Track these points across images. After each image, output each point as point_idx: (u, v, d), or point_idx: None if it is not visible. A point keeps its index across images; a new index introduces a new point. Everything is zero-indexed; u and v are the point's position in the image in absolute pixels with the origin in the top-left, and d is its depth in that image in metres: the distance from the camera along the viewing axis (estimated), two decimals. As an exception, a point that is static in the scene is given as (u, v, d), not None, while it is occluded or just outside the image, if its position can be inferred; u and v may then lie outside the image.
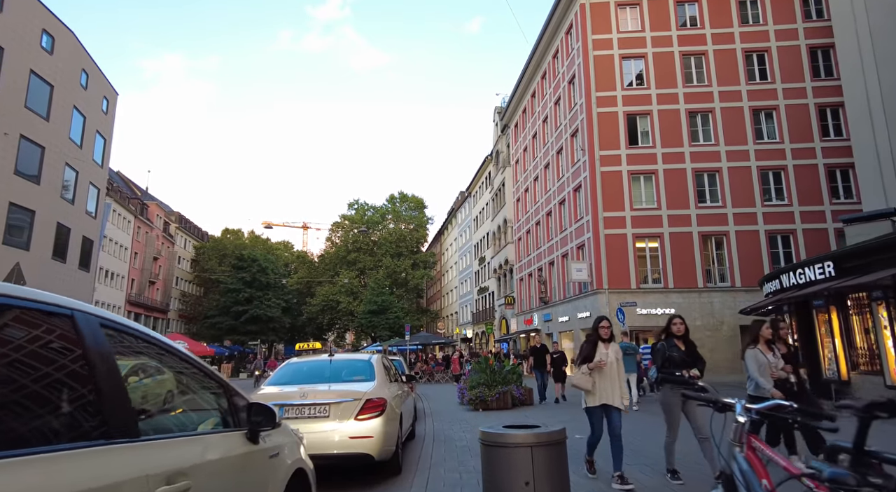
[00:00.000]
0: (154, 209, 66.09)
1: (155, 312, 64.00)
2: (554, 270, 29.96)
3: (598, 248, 23.62)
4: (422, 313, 67.17)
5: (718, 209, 23.70)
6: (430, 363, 30.67)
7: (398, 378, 7.78)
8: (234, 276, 53.94)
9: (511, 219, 39.39)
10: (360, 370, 6.40)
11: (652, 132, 24.68)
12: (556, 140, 29.63)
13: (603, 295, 23.18)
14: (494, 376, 13.37)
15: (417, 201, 67.31)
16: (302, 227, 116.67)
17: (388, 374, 6.82)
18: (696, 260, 23.26)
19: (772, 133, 24.32)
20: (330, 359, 6.59)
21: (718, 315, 22.74)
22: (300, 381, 6.15)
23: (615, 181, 24.17)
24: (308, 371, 6.47)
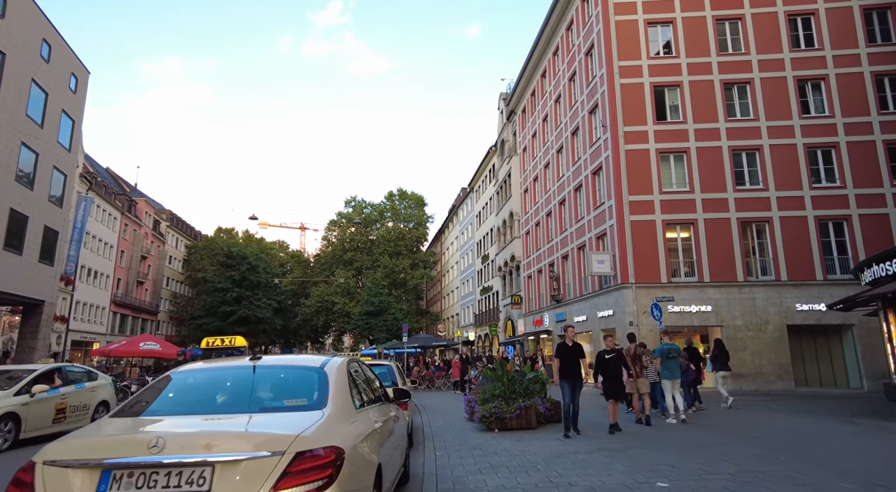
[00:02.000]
0: (143, 206, 63.18)
1: (143, 314, 61.06)
2: (568, 264, 27.00)
3: (624, 236, 20.66)
4: (421, 315, 64.17)
5: (760, 192, 20.75)
6: (430, 368, 27.71)
7: (379, 396, 4.81)
8: (222, 274, 50.83)
9: (518, 212, 36.44)
10: (301, 387, 3.45)
11: (682, 106, 21.75)
12: (570, 120, 26.71)
13: (629, 290, 20.20)
14: (514, 385, 10.39)
15: (417, 199, 64.38)
16: (299, 228, 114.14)
17: (356, 393, 3.85)
18: (735, 250, 20.30)
19: (820, 106, 21.39)
20: (253, 365, 3.63)
21: (762, 313, 19.75)
22: (189, 408, 3.21)
23: (642, 161, 21.23)
24: (209, 389, 3.48)
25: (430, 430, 10.64)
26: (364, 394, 4.17)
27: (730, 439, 8.56)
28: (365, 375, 4.56)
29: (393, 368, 8.39)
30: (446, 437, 9.60)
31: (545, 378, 11.51)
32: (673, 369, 11.07)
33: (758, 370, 19.16)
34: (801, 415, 12.11)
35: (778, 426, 10.22)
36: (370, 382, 4.70)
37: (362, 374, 4.49)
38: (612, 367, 9.81)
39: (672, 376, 10.97)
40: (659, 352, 11.33)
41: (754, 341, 19.49)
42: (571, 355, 9.40)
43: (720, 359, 13.63)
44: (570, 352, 9.41)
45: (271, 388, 3.44)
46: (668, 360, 11.18)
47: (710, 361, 15.13)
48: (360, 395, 3.94)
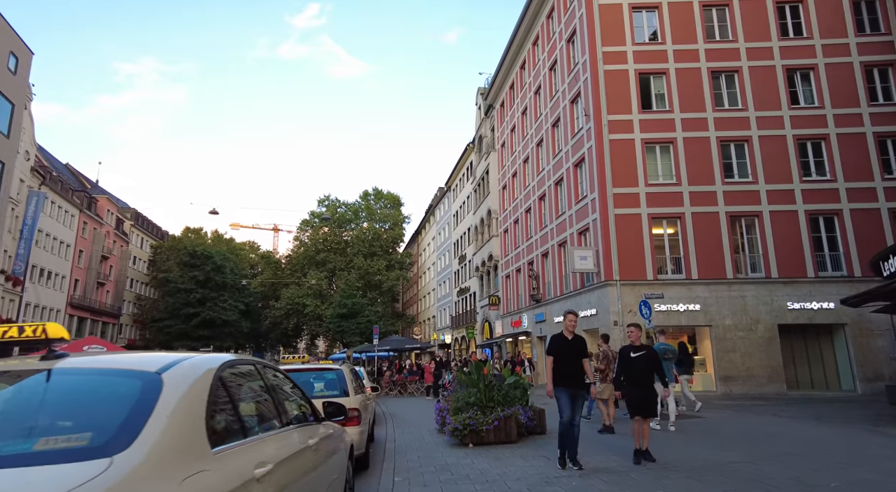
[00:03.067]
0: (104, 204, 59.99)
1: (104, 317, 57.92)
2: (548, 262, 25.74)
3: (607, 231, 19.44)
4: (397, 318, 62.39)
5: (749, 185, 19.78)
6: (402, 372, 26.10)
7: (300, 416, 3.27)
8: (185, 274, 48.24)
9: (496, 209, 35.15)
10: (99, 410, 1.87)
11: (669, 94, 20.70)
12: (551, 111, 25.51)
13: (614, 288, 18.97)
14: (492, 392, 8.92)
15: (393, 199, 62.64)
16: (273, 229, 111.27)
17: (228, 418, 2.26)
18: (724, 245, 19.26)
19: (810, 97, 20.58)
20: (46, 370, 2.06)
21: (752, 312, 18.73)
22: None
23: (626, 151, 20.08)
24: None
25: (393, 445, 9.10)
26: (257, 417, 2.65)
27: (752, 456, 7.20)
28: (269, 386, 3.02)
29: (345, 373, 6.81)
30: (411, 455, 8.07)
31: (528, 383, 10.05)
32: (667, 372, 10.06)
33: (748, 373, 18.10)
34: (812, 422, 10.91)
35: (800, 437, 8.94)
36: (280, 397, 3.15)
37: (260, 385, 2.94)
38: (641, 370, 7.01)
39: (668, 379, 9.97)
40: None
41: (744, 342, 18.45)
42: (571, 353, 6.65)
43: (684, 363, 12.87)
44: (570, 348, 6.66)
45: (56, 412, 1.90)
46: (664, 361, 10.22)
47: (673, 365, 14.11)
48: (241, 420, 2.39)
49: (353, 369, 8.51)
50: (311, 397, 6.63)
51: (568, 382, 6.57)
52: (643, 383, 6.97)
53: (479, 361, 9.53)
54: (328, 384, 6.76)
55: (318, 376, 7.00)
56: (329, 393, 6.64)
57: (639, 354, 7.07)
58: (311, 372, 7.17)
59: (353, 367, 9.79)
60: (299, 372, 7.12)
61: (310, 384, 6.86)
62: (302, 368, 7.21)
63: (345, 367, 7.19)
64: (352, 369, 8.20)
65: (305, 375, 7.06)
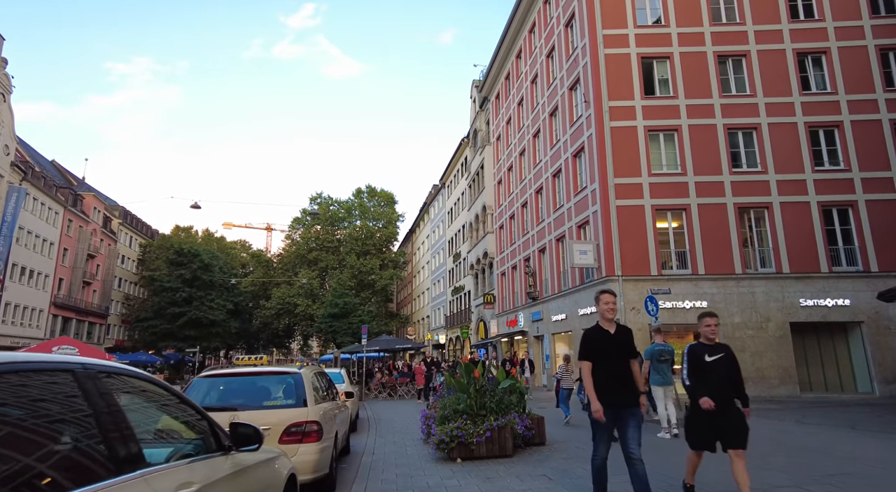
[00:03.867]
0: (91, 201, 58.43)
1: (90, 317, 56.39)
2: (545, 258, 24.58)
3: (609, 223, 18.30)
4: (390, 318, 61.11)
5: (758, 176, 18.68)
6: (392, 374, 24.88)
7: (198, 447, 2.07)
8: (172, 273, 46.79)
9: (491, 205, 33.98)
10: None
11: (673, 80, 19.59)
12: (548, 100, 24.35)
13: (616, 284, 17.81)
14: (484, 398, 7.73)
15: (387, 196, 61.29)
16: (266, 228, 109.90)
17: None
18: (733, 239, 18.15)
19: (822, 82, 19.49)
20: None
21: (762, 309, 17.61)
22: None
23: (628, 139, 18.95)
24: None
25: (370, 459, 7.89)
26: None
27: (798, 478, 5.92)
28: (100, 408, 1.79)
29: (303, 378, 5.58)
30: (388, 472, 6.86)
31: (525, 387, 8.85)
32: (665, 373, 9.38)
33: (759, 374, 16.98)
34: (846, 430, 9.74)
35: (844, 452, 7.76)
36: (120, 425, 1.91)
37: (82, 407, 1.72)
38: (722, 378, 4.71)
39: (664, 382, 9.31)
40: (648, 354, 9.57)
41: (754, 341, 17.33)
42: (615, 352, 4.58)
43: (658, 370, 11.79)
44: (613, 345, 4.60)
45: None
46: (660, 363, 9.42)
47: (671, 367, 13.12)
48: None
49: (320, 372, 7.27)
50: (261, 407, 5.43)
51: (613, 396, 4.42)
52: (725, 398, 4.62)
53: (468, 362, 8.33)
54: (282, 391, 5.54)
55: (269, 382, 5.76)
56: (283, 403, 5.42)
57: (716, 356, 4.75)
58: (261, 377, 5.91)
59: (323, 369, 8.53)
60: (245, 377, 5.89)
61: (260, 391, 5.64)
62: (247, 371, 5.97)
63: (305, 370, 5.95)
64: (318, 373, 6.96)
65: (253, 380, 5.82)
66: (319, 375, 6.90)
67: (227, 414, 5.16)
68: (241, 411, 5.17)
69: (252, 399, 5.51)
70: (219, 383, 5.74)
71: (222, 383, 5.75)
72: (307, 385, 5.59)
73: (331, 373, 12.70)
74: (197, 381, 5.69)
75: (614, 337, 4.64)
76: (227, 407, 5.26)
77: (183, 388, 5.62)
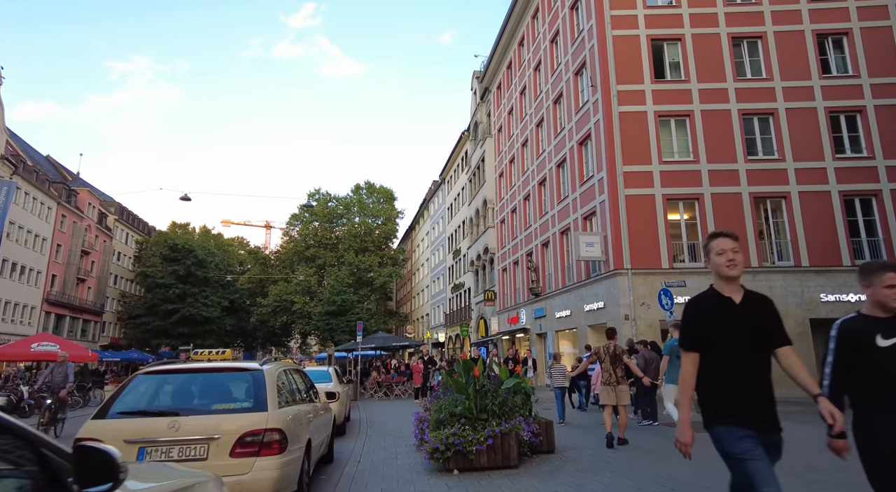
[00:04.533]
0: (85, 197, 57.40)
1: (85, 314, 55.44)
2: (549, 252, 23.56)
3: (617, 213, 17.27)
4: (389, 316, 60.11)
5: (775, 163, 17.66)
6: (389, 373, 23.88)
7: None
8: (165, 269, 45.74)
9: (492, 199, 32.96)
10: None
11: (685, 63, 18.56)
12: (552, 87, 23.32)
13: (624, 277, 16.79)
14: (485, 399, 6.71)
15: (386, 193, 60.20)
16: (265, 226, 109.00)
17: None
18: (748, 230, 17.12)
19: (843, 65, 18.47)
20: None
21: (780, 305, 16.24)
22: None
23: (638, 125, 17.93)
24: None
25: (355, 468, 6.88)
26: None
27: None
28: None
29: (265, 376, 4.55)
30: (374, 486, 5.83)
31: (530, 386, 7.84)
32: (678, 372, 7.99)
33: (776, 373, 15.90)
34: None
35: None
36: None
37: None
38: None
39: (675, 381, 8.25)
40: (668, 349, 8.86)
41: (772, 338, 16.29)
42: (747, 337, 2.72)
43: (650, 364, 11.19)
44: (740, 326, 2.72)
45: None
46: (678, 360, 8.18)
47: None
48: None
49: (295, 369, 6.25)
50: (210, 411, 4.42)
51: (748, 412, 2.70)
52: None
53: (467, 360, 7.33)
54: (238, 392, 4.52)
55: (224, 381, 4.72)
56: (238, 406, 4.40)
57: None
58: (215, 374, 4.86)
59: (299, 366, 7.49)
60: (196, 374, 4.85)
61: (212, 392, 4.62)
62: (200, 367, 4.95)
63: (271, 367, 4.94)
64: (291, 370, 5.93)
65: (205, 378, 4.78)
66: (292, 372, 5.87)
67: (165, 420, 4.14)
68: (184, 417, 4.16)
69: (201, 401, 4.48)
70: (164, 380, 4.72)
71: (168, 380, 4.72)
72: (269, 385, 4.57)
73: (318, 371, 11.67)
74: (139, 378, 4.67)
75: (741, 310, 2.75)
76: (165, 411, 4.25)
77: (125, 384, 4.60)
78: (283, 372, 5.40)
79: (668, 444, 8.27)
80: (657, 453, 7.40)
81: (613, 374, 8.00)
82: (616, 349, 8.19)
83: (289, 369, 5.83)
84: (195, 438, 4.05)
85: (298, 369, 6.57)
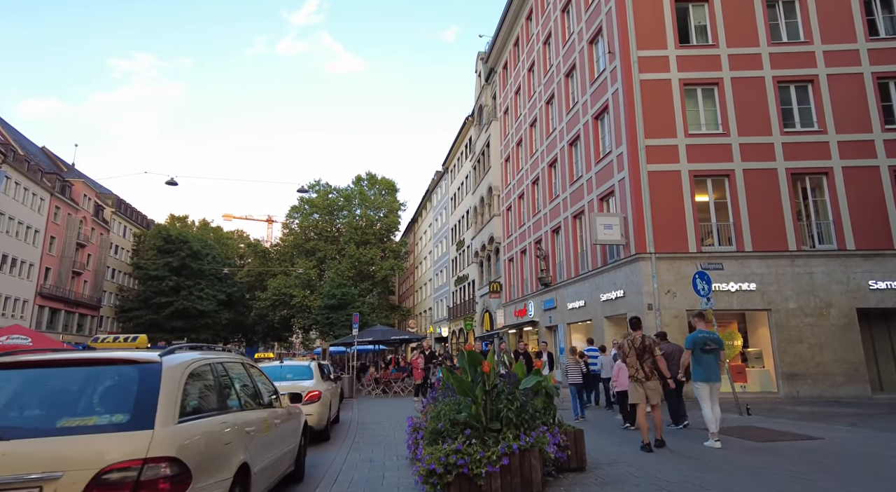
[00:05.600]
0: (81, 188, 55.93)
1: (81, 308, 54.06)
2: (560, 239, 21.84)
3: (639, 192, 15.52)
4: (392, 311, 58.56)
5: (815, 136, 15.85)
6: (388, 368, 22.27)
7: None
8: (158, 260, 44.19)
9: (497, 185, 31.21)
10: None
11: (712, 26, 16.74)
12: (564, 59, 21.53)
13: (647, 262, 15.06)
14: (497, 403, 5.02)
15: (388, 184, 58.46)
16: (267, 220, 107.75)
17: None
18: (785, 210, 15.35)
19: (891, 26, 16.61)
20: None
21: (822, 293, 14.82)
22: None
23: (661, 94, 16.15)
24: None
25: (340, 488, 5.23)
26: None
27: None
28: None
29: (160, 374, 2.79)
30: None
31: (554, 385, 6.13)
32: (711, 366, 7.56)
33: (820, 369, 14.22)
34: None
35: None
36: None
37: None
38: None
39: (709, 378, 7.52)
40: (690, 342, 7.75)
41: (813, 331, 14.56)
42: None
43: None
44: None
45: None
46: (704, 354, 7.59)
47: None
48: None
49: (239, 362, 4.56)
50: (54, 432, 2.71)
51: None
52: None
53: (473, 351, 5.63)
54: (110, 399, 2.84)
55: (92, 380, 2.99)
56: (105, 421, 2.71)
57: None
58: (83, 369, 3.06)
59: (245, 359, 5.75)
60: (55, 368, 3.09)
61: (69, 398, 2.89)
62: (63, 358, 3.16)
63: (180, 357, 3.26)
64: (231, 364, 4.27)
65: (68, 374, 3.04)
66: (232, 367, 4.19)
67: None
68: (6, 443, 2.49)
69: (46, 413, 2.80)
70: (6, 378, 3.02)
71: (13, 378, 3.02)
72: (167, 387, 2.89)
73: (298, 366, 10.00)
74: None
75: None
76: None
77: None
78: (209, 367, 3.72)
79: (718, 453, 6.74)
80: (718, 469, 5.72)
81: (641, 369, 7.23)
82: (645, 341, 7.38)
83: (226, 361, 4.15)
84: (21, 478, 2.40)
85: (247, 363, 4.89)
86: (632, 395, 7.42)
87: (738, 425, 9.29)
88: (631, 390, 7.43)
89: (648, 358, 7.29)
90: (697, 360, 7.63)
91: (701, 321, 8.07)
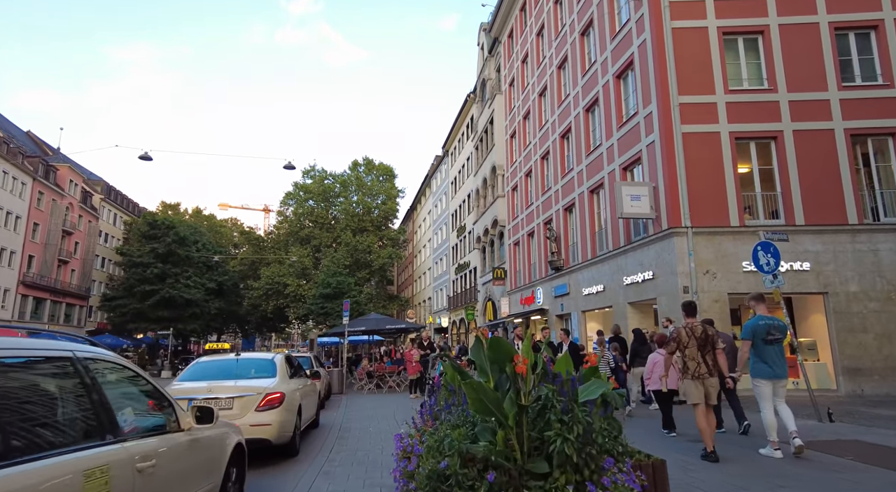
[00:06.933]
0: (66, 173, 53.60)
1: (68, 297, 52.02)
2: (573, 218, 19.65)
3: (672, 156, 13.32)
4: (389, 300, 56.49)
5: (880, 91, 13.62)
6: (383, 360, 20.18)
7: None
8: (143, 246, 42.00)
9: (502, 164, 28.97)
10: None
11: (757, -35, 14.47)
12: (579, 16, 19.21)
13: (682, 238, 12.88)
14: (545, 427, 2.83)
15: (386, 170, 56.14)
16: (263, 210, 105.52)
17: None
18: (844, 177, 13.16)
19: (965, -36, 14.34)
20: None
21: (890, 274, 12.67)
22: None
23: (697, 45, 13.90)
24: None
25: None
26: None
27: None
28: None
29: None
30: None
31: (621, 393, 3.97)
32: (775, 360, 6.19)
33: (889, 363, 12.10)
34: None
35: None
36: None
37: None
38: None
39: (774, 373, 6.18)
40: (749, 331, 6.33)
41: (880, 318, 12.42)
42: None
43: (640, 353, 10.03)
44: None
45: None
46: (767, 345, 6.21)
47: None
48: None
49: (87, 358, 2.35)
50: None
51: None
52: None
53: (498, 338, 3.48)
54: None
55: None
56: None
57: None
58: None
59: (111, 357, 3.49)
60: None
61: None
62: None
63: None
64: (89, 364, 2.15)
65: None
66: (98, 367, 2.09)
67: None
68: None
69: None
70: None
71: None
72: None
73: (258, 360, 7.74)
74: None
75: None
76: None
77: None
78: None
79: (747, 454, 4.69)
80: None
81: (703, 363, 6.16)
82: (707, 330, 6.28)
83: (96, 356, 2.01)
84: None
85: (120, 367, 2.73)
86: (690, 394, 6.19)
87: (821, 436, 7.18)
88: (689, 388, 6.21)
89: (710, 351, 6.19)
90: (758, 352, 6.29)
91: (761, 305, 6.47)
